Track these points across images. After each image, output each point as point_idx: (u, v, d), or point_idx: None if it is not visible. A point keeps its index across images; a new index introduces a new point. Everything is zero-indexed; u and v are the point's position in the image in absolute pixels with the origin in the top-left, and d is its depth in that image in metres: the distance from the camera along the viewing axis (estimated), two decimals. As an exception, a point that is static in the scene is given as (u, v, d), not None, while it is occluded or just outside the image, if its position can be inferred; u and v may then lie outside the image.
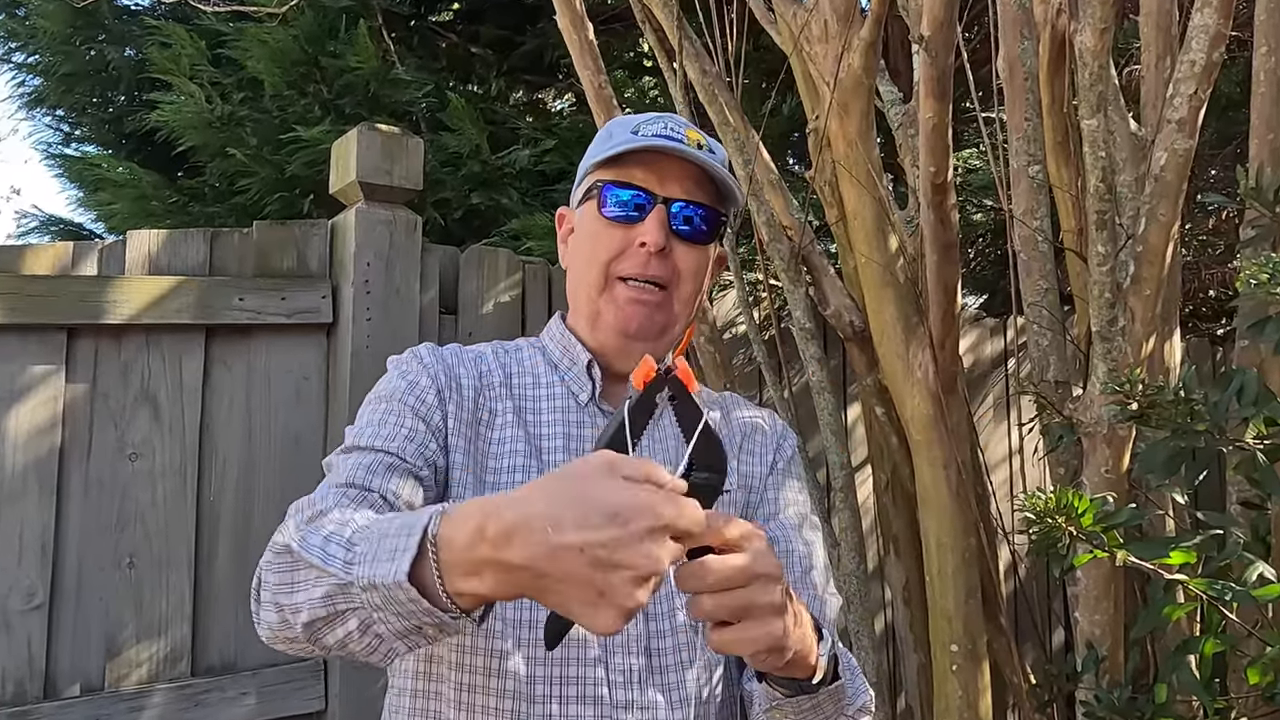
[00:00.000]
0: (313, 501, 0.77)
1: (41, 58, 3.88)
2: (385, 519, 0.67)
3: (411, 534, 0.61)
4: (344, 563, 0.64)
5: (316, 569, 0.66)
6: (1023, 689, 1.75)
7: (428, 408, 0.87)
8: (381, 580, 0.61)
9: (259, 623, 0.72)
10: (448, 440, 0.87)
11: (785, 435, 1.01)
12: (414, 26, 3.81)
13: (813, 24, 1.74)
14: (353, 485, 0.79)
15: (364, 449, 0.83)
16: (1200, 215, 3.60)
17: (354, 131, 1.90)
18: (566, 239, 1.00)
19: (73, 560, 1.62)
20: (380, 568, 0.62)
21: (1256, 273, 1.17)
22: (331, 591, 0.65)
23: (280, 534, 0.72)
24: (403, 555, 0.60)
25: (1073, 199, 1.79)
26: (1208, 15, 1.47)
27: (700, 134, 0.94)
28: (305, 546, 0.67)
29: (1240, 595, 1.16)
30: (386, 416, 0.86)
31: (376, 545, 0.63)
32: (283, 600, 0.68)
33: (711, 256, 0.95)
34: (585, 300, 0.94)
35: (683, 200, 0.91)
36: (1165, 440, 1.22)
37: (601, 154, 0.92)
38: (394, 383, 0.89)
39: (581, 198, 0.96)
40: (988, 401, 2.82)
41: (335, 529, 0.68)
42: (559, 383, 0.94)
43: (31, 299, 1.60)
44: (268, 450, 1.81)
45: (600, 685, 0.82)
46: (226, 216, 3.38)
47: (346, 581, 0.64)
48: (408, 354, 0.93)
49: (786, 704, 0.76)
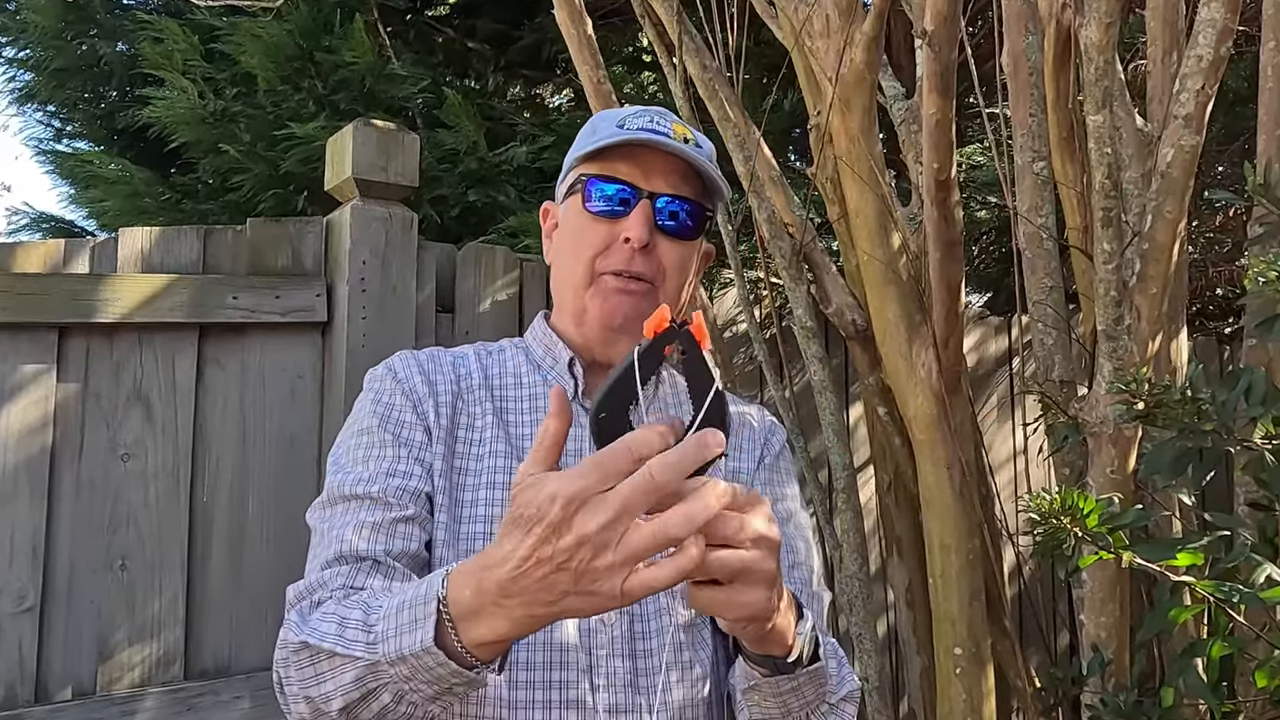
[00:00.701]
0: (311, 588, 0.78)
1: (32, 52, 3.85)
2: (393, 595, 0.69)
3: (426, 602, 0.64)
4: (366, 644, 0.67)
5: (340, 656, 0.69)
6: (1027, 692, 1.74)
7: (408, 429, 0.87)
8: (409, 650, 0.64)
9: (290, 714, 0.74)
10: (432, 451, 0.86)
11: (774, 430, 1.00)
12: (410, 21, 3.78)
13: (814, 18, 1.72)
14: (344, 560, 0.79)
15: (349, 499, 0.83)
16: (1207, 212, 3.59)
17: (349, 127, 1.88)
18: (551, 234, 0.99)
19: (64, 562, 1.60)
20: (404, 640, 0.65)
21: (1264, 270, 1.16)
22: (361, 674, 0.68)
23: (289, 631, 0.74)
24: (424, 623, 0.64)
25: (1078, 196, 1.77)
26: (1214, 9, 1.45)
27: (687, 128, 0.93)
28: (321, 638, 0.70)
29: (1248, 597, 1.14)
30: (369, 452, 0.85)
31: (394, 621, 0.66)
32: (312, 693, 0.71)
33: (698, 251, 0.94)
34: (570, 296, 0.93)
35: (668, 195, 0.90)
36: (1172, 440, 1.21)
37: (586, 148, 0.91)
38: (371, 410, 0.88)
39: (566, 192, 0.95)
40: (992, 401, 2.80)
41: (345, 614, 0.71)
42: (541, 382, 0.93)
43: (22, 297, 1.58)
44: (262, 451, 1.79)
45: (585, 691, 0.80)
46: (220, 214, 3.35)
47: (373, 661, 0.67)
48: (382, 370, 0.92)
49: (765, 684, 0.75)
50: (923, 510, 1.70)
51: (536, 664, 0.81)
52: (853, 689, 0.85)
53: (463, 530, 0.84)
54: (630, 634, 0.83)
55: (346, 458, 0.86)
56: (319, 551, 0.82)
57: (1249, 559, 1.21)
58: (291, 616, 0.76)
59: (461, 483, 0.86)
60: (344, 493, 0.83)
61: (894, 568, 2.01)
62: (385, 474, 0.83)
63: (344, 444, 0.88)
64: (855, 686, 0.86)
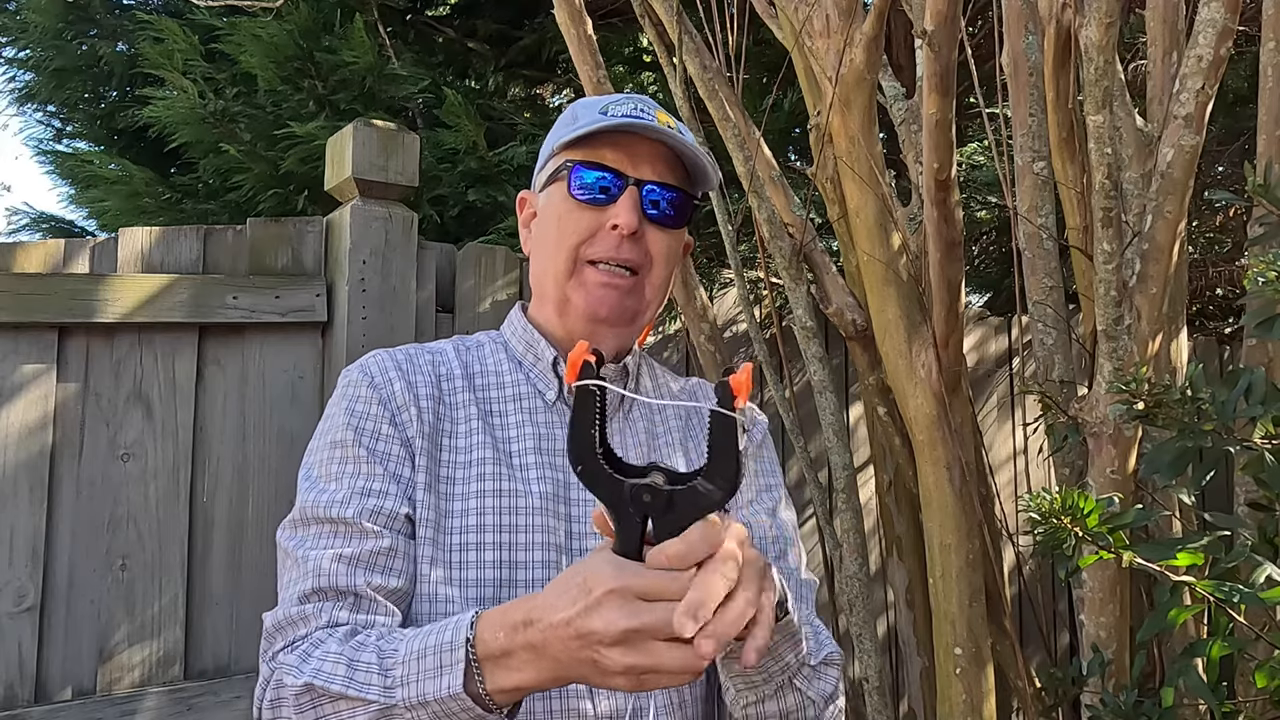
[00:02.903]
0: (292, 621, 0.76)
1: (32, 52, 3.85)
2: (409, 638, 0.69)
3: (454, 649, 0.66)
4: (383, 688, 0.68)
5: (349, 699, 0.69)
6: (1027, 693, 1.74)
7: (385, 442, 0.83)
8: (433, 696, 0.65)
9: None
10: (413, 461, 0.83)
11: (754, 422, 0.99)
12: (410, 21, 3.78)
13: (814, 18, 1.72)
14: (323, 594, 0.77)
15: (323, 521, 0.80)
16: (1207, 212, 3.58)
17: (349, 127, 1.88)
18: (529, 224, 0.96)
19: (64, 562, 1.60)
20: (427, 686, 0.66)
21: (1264, 270, 1.15)
22: (374, 718, 0.68)
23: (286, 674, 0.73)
24: (452, 670, 0.65)
25: (1078, 196, 1.77)
26: (1214, 9, 1.45)
27: (669, 116, 0.91)
28: (329, 680, 0.70)
29: (1248, 597, 1.14)
30: (343, 468, 0.82)
31: (416, 666, 0.67)
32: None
33: (683, 240, 0.93)
34: (552, 285, 0.90)
35: (655, 182, 0.87)
36: (1172, 440, 1.21)
37: (569, 134, 0.88)
38: (345, 421, 0.84)
39: (547, 180, 0.92)
40: (992, 401, 2.80)
41: (354, 656, 0.71)
42: (524, 380, 0.91)
43: (22, 297, 1.58)
44: (262, 451, 1.79)
45: (584, 699, 0.80)
46: (220, 213, 3.35)
47: (389, 705, 0.67)
48: (358, 374, 0.87)
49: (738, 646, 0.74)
50: (923, 510, 1.70)
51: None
52: (832, 651, 0.84)
53: (451, 541, 0.82)
54: None
55: (319, 470, 0.83)
56: (294, 578, 0.79)
57: (1249, 559, 1.21)
58: (284, 658, 0.74)
59: (448, 491, 0.83)
60: (317, 514, 0.80)
61: (894, 568, 2.01)
62: (360, 493, 0.80)
63: (317, 454, 0.85)
64: (835, 650, 0.85)
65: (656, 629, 0.57)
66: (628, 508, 0.58)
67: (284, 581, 0.81)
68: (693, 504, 0.58)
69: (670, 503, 0.58)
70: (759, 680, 0.77)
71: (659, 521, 0.58)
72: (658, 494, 0.57)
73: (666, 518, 0.58)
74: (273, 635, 0.77)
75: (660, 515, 0.58)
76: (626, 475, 0.59)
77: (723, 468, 0.58)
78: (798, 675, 0.79)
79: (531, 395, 0.90)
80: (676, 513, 0.58)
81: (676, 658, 0.58)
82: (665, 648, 0.58)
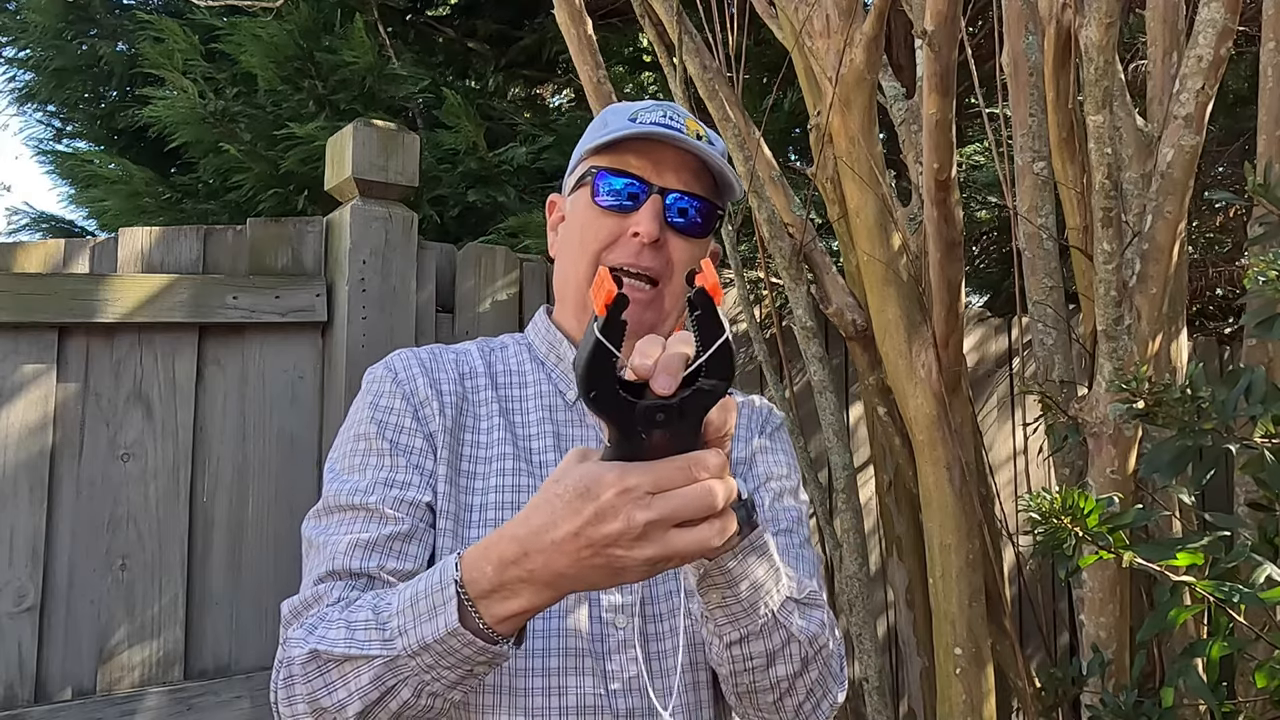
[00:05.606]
0: (307, 604, 0.77)
1: (32, 52, 3.85)
2: (400, 591, 0.70)
3: (444, 588, 0.66)
4: (383, 642, 0.68)
5: (353, 659, 0.69)
6: (1027, 693, 1.74)
7: (408, 435, 0.84)
8: (433, 637, 0.65)
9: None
10: (435, 454, 0.85)
11: (771, 413, 1.00)
12: (410, 21, 3.78)
13: (814, 19, 1.72)
14: (338, 575, 0.78)
15: (345, 509, 0.81)
16: (1207, 212, 3.58)
17: (349, 127, 1.88)
18: (556, 227, 0.97)
19: (64, 562, 1.60)
20: (424, 629, 0.66)
21: (1264, 270, 1.15)
22: (379, 673, 0.68)
23: (294, 647, 0.73)
24: (445, 608, 0.65)
25: (1078, 196, 1.77)
26: (1215, 9, 1.45)
27: (699, 124, 0.91)
28: (332, 644, 0.70)
29: (1248, 597, 1.14)
30: (366, 460, 0.84)
31: (411, 614, 0.67)
32: (325, 703, 0.71)
33: (706, 250, 0.93)
34: (574, 290, 0.91)
35: (679, 191, 0.88)
36: (1172, 440, 1.21)
37: (597, 140, 0.89)
38: (369, 415, 0.86)
39: (574, 185, 0.93)
40: (992, 401, 2.80)
41: (352, 617, 0.71)
42: (545, 380, 0.92)
43: (22, 297, 1.58)
44: (262, 451, 1.78)
45: (599, 695, 0.80)
46: (220, 213, 3.36)
47: (391, 657, 0.67)
48: (382, 370, 0.89)
49: (715, 572, 0.71)
50: (923, 510, 1.70)
51: (552, 669, 0.80)
52: (814, 590, 0.82)
53: (470, 534, 0.83)
54: (644, 635, 0.83)
55: (343, 464, 0.85)
56: (314, 564, 0.80)
57: (1249, 559, 1.21)
58: (292, 634, 0.75)
59: (468, 485, 0.85)
60: (339, 502, 0.82)
61: (894, 568, 2.01)
62: (383, 483, 0.82)
63: (341, 449, 0.86)
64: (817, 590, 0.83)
65: (674, 517, 0.58)
66: (637, 427, 0.60)
67: (305, 567, 0.82)
68: (701, 404, 0.60)
69: (682, 413, 0.60)
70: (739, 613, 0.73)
71: (673, 429, 0.60)
72: (669, 410, 0.60)
73: (680, 425, 0.60)
74: (288, 620, 0.78)
75: (675, 425, 0.60)
76: (636, 396, 0.61)
77: (717, 362, 0.60)
78: (780, 609, 0.76)
79: (552, 394, 0.91)
80: (688, 418, 0.60)
81: (692, 539, 0.59)
82: (678, 534, 0.59)
